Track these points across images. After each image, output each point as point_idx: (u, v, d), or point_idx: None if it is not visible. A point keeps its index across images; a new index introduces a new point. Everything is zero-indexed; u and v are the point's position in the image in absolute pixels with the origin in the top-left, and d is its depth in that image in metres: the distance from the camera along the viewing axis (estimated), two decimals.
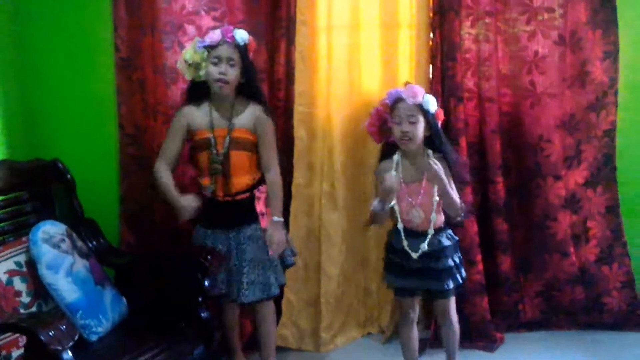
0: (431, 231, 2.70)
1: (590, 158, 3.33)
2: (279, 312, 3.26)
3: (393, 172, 2.63)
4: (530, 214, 3.37)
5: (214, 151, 2.75)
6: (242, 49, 2.72)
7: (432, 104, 2.67)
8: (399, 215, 2.72)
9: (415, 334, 2.93)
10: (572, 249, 3.35)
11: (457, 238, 2.81)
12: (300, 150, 3.24)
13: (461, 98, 3.20)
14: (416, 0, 3.19)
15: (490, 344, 3.27)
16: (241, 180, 2.78)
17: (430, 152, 2.71)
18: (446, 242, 2.74)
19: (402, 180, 2.69)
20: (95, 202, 3.00)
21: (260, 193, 2.88)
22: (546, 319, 3.43)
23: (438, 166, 2.59)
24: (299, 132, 3.22)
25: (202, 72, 2.75)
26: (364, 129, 2.85)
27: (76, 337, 2.28)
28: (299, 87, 3.19)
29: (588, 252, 3.39)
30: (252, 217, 2.85)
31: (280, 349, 3.23)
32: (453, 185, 2.68)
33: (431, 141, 2.71)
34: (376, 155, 3.25)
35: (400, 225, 2.72)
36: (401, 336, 2.94)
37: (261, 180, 2.85)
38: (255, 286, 2.79)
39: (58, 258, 2.46)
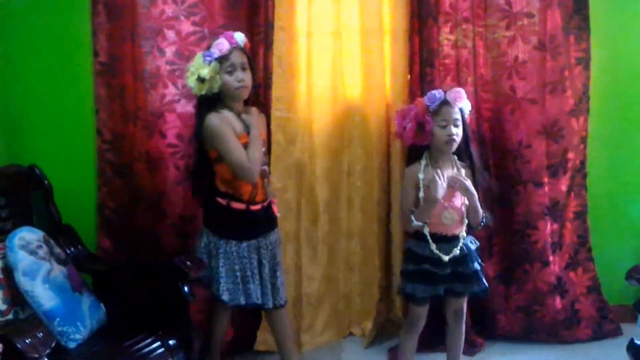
0: (463, 234, 2.70)
1: (573, 166, 3.33)
2: (259, 316, 3.25)
3: (443, 183, 2.62)
4: (511, 221, 3.35)
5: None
6: (245, 51, 2.71)
7: (469, 107, 2.69)
8: (427, 220, 2.68)
9: (415, 344, 2.91)
10: (551, 258, 3.33)
11: (478, 243, 2.81)
12: (278, 155, 3.22)
13: None
14: (395, 7, 3.20)
15: (471, 348, 3.27)
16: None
17: (455, 157, 2.74)
18: (472, 246, 2.75)
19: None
20: (73, 209, 2.97)
21: (273, 197, 2.87)
22: (526, 334, 3.40)
23: (467, 181, 2.63)
24: (277, 136, 3.20)
25: (216, 85, 2.65)
26: (395, 133, 2.88)
27: (53, 345, 2.27)
28: (276, 92, 3.17)
29: (561, 259, 3.37)
30: (273, 222, 2.84)
31: (262, 353, 3.24)
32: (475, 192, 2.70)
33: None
34: (364, 160, 3.33)
35: (426, 230, 2.69)
36: (407, 342, 2.89)
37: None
38: (283, 289, 2.83)
39: (35, 265, 2.43)
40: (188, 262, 2.59)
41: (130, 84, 3.09)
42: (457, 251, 2.68)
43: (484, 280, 2.76)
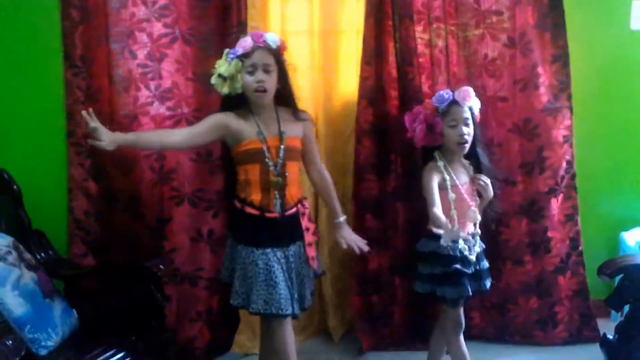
0: (478, 231, 2.71)
1: (555, 165, 3.24)
2: (237, 319, 3.20)
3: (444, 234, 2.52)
4: (482, 219, 3.29)
5: (270, 163, 2.52)
6: (276, 53, 2.55)
7: (478, 106, 2.66)
8: (456, 220, 2.64)
9: None
10: (528, 258, 3.28)
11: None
12: None
13: (421, 102, 3.09)
14: (367, 6, 3.15)
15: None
16: (293, 193, 2.58)
17: (465, 161, 2.73)
18: (482, 245, 2.76)
19: (458, 182, 2.67)
20: (44, 213, 2.91)
21: (304, 208, 2.63)
22: (500, 334, 3.37)
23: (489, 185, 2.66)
24: None
25: (239, 85, 2.53)
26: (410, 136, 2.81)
27: (24, 352, 2.23)
28: None
29: (546, 263, 3.30)
30: (299, 233, 2.60)
31: (239, 356, 3.19)
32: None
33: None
34: (350, 158, 3.28)
35: (458, 230, 2.65)
36: (456, 347, 2.77)
37: (303, 193, 2.73)
38: (304, 300, 2.64)
39: (4, 271, 2.36)
40: (161, 266, 2.52)
41: (105, 87, 3.03)
42: (477, 247, 2.69)
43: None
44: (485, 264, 2.76)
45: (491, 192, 2.69)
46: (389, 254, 3.30)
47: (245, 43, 2.52)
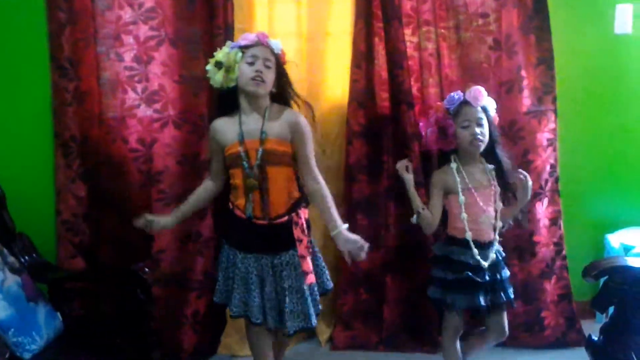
0: (497, 238, 2.62)
1: (539, 169, 3.21)
2: (224, 321, 3.17)
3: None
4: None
5: (246, 166, 2.44)
6: (277, 57, 2.52)
7: (492, 106, 2.59)
8: (466, 224, 2.58)
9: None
10: (514, 262, 3.22)
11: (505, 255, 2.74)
12: None
13: (411, 104, 3.13)
14: (356, 9, 3.14)
15: (433, 348, 3.22)
16: (280, 200, 2.46)
17: (483, 159, 2.65)
18: (503, 253, 2.67)
19: (470, 185, 2.60)
20: (31, 216, 2.86)
21: (298, 218, 2.50)
22: None
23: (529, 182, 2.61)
24: None
25: (234, 76, 2.46)
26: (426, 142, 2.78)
27: (7, 356, 2.22)
28: None
29: (532, 267, 3.26)
30: (290, 242, 2.47)
31: (225, 359, 3.17)
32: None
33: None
34: (338, 159, 3.28)
35: (469, 235, 2.58)
36: (452, 350, 2.74)
37: (300, 201, 2.53)
38: (295, 317, 2.46)
39: None
40: (146, 269, 2.48)
41: (92, 89, 3.02)
42: (492, 255, 2.60)
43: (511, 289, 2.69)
44: (506, 272, 2.66)
45: (529, 192, 2.61)
46: (381, 253, 3.26)
47: (248, 36, 2.52)
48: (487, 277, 2.59)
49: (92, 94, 3.02)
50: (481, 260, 2.58)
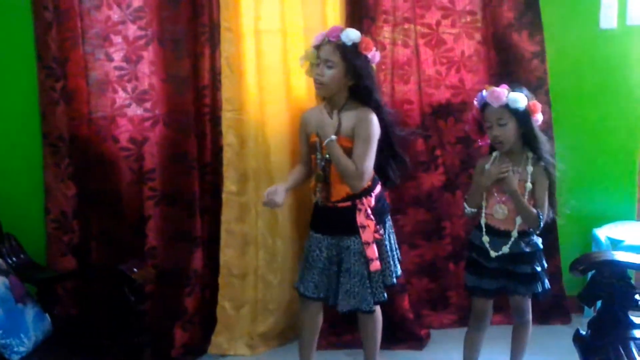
0: (514, 233, 2.53)
1: None
2: (214, 320, 3.12)
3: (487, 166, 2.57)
4: (457, 207, 3.23)
5: (319, 156, 2.56)
6: (347, 49, 2.48)
7: (520, 101, 2.47)
8: (484, 210, 2.56)
9: (480, 338, 2.71)
10: None
11: (541, 247, 2.62)
12: (229, 157, 3.09)
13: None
14: (338, 7, 3.08)
15: (417, 343, 3.19)
16: (340, 188, 2.54)
17: (530, 154, 2.54)
18: (525, 249, 2.56)
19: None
20: (21, 216, 2.84)
21: (361, 204, 2.55)
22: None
23: (514, 182, 2.49)
24: (228, 138, 3.07)
25: (314, 72, 2.56)
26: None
27: None
28: (226, 93, 3.04)
29: None
30: (353, 228, 2.55)
31: (215, 358, 3.12)
32: (546, 193, 2.54)
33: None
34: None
35: (482, 221, 2.56)
36: (467, 338, 2.72)
37: (367, 191, 2.57)
38: (349, 297, 2.57)
39: None
40: (135, 268, 2.42)
41: (81, 88, 2.98)
42: (506, 249, 2.53)
43: (541, 284, 2.59)
44: (526, 268, 2.56)
45: (511, 190, 2.50)
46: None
47: (319, 36, 2.55)
48: (494, 264, 2.55)
49: (80, 93, 2.98)
50: (489, 247, 2.54)
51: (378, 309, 2.70)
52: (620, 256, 2.40)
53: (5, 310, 2.28)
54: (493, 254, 2.54)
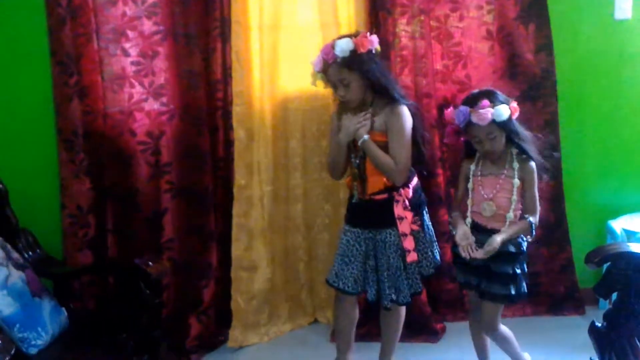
0: (505, 229, 2.44)
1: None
2: (228, 313, 3.10)
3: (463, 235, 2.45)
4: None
5: (353, 155, 2.54)
6: (349, 60, 2.40)
7: (504, 112, 2.39)
8: (470, 208, 2.50)
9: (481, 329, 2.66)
10: None
11: (525, 250, 2.53)
12: (239, 152, 3.06)
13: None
14: (353, 0, 3.02)
15: (433, 336, 3.14)
16: (376, 180, 2.50)
17: (514, 150, 2.47)
18: (510, 249, 2.48)
19: (479, 173, 2.49)
20: (37, 210, 2.84)
21: (399, 196, 2.51)
22: None
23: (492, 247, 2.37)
24: (238, 133, 3.05)
25: None
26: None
27: (13, 352, 2.11)
28: (236, 87, 3.02)
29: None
30: (389, 220, 2.51)
31: (232, 350, 3.09)
32: (536, 193, 2.46)
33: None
34: (325, 153, 3.13)
35: (468, 220, 2.50)
36: (471, 332, 2.68)
37: (405, 182, 2.53)
38: (390, 290, 2.55)
39: None
40: (149, 262, 2.38)
41: (96, 83, 2.96)
42: (490, 248, 2.41)
43: (517, 286, 2.49)
44: (507, 268, 2.47)
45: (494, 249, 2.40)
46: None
47: (317, 61, 2.47)
48: (478, 261, 2.44)
49: (95, 88, 2.96)
50: (469, 247, 2.44)
51: None
52: (636, 248, 2.31)
53: (22, 304, 2.27)
54: (479, 254, 2.42)
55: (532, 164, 2.45)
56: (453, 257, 2.63)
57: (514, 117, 2.45)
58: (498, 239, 2.38)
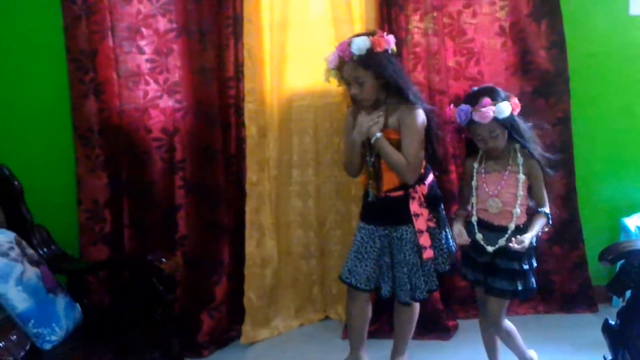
0: (512, 226, 2.42)
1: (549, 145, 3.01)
2: (241, 312, 3.10)
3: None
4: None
5: (368, 153, 2.52)
6: (365, 59, 2.38)
7: (505, 110, 2.37)
8: (475, 206, 2.47)
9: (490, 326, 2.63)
10: None
11: (534, 244, 2.48)
12: (251, 148, 3.05)
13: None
14: None
15: (445, 333, 3.10)
16: (392, 177, 2.48)
17: (517, 145, 2.44)
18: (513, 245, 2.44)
19: (483, 170, 2.47)
20: (53, 206, 2.87)
21: (415, 193, 2.49)
22: None
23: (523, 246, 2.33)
24: (250, 129, 3.04)
25: None
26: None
27: (28, 347, 2.16)
28: (248, 84, 3.01)
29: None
30: (405, 217, 2.49)
31: (245, 346, 3.09)
32: (544, 187, 2.44)
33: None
34: (339, 150, 3.15)
35: (474, 219, 2.47)
36: (481, 330, 2.64)
37: (420, 179, 2.51)
38: (406, 287, 2.53)
39: (7, 267, 2.23)
40: (163, 258, 2.38)
41: (111, 80, 2.97)
42: (502, 242, 2.41)
43: (525, 282, 2.46)
44: (514, 265, 2.43)
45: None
46: None
47: (332, 57, 2.45)
48: (487, 259, 2.45)
49: (110, 85, 2.97)
50: (484, 244, 2.43)
51: None
52: None
53: (37, 300, 2.27)
54: (490, 248, 2.42)
55: (536, 159, 2.43)
56: (463, 257, 2.60)
57: (515, 113, 2.43)
58: (527, 237, 2.34)
